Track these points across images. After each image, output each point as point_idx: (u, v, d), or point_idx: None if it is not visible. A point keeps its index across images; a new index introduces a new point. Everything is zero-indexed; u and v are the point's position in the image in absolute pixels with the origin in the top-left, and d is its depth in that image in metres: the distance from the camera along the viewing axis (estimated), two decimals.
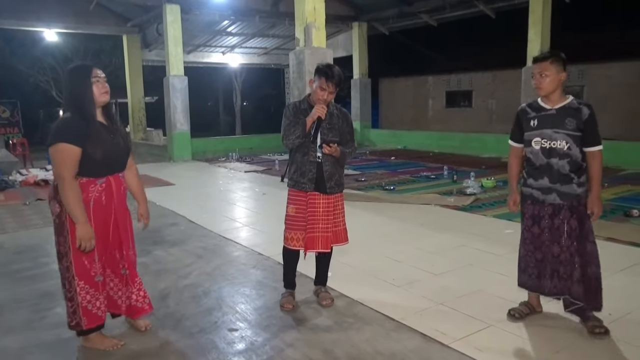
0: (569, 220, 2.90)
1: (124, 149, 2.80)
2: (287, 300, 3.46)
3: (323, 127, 3.24)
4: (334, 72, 3.21)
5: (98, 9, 14.09)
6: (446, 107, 19.60)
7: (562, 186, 2.90)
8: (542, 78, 2.89)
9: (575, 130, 2.85)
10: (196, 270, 4.25)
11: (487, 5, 13.38)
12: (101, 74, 2.70)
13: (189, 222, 6.03)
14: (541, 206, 2.98)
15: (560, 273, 2.93)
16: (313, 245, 3.31)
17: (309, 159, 3.27)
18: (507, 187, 7.65)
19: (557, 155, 2.89)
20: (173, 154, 12.74)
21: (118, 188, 2.76)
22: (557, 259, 2.93)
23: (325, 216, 3.30)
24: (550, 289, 2.99)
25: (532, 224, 3.03)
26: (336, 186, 3.34)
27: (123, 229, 2.82)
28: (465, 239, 5.00)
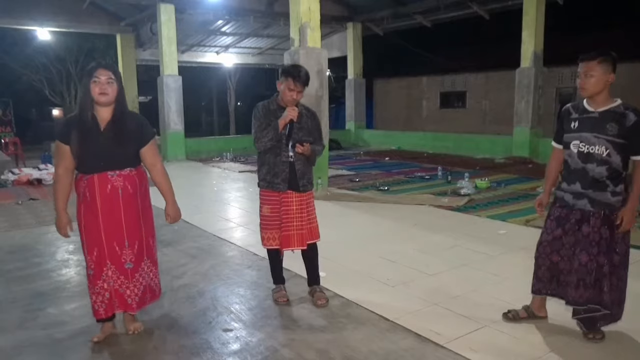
0: (599, 228, 2.76)
1: (115, 150, 2.78)
2: (280, 295, 3.53)
3: (294, 128, 3.30)
4: (301, 72, 3.26)
5: (91, 8, 14.01)
6: (440, 108, 19.63)
7: (594, 192, 2.76)
8: (587, 78, 2.72)
9: (616, 136, 2.68)
10: (191, 271, 4.24)
11: (481, 7, 13.43)
12: (103, 75, 2.73)
13: (183, 222, 5.99)
14: (569, 211, 2.86)
15: (586, 282, 2.78)
16: (289, 244, 3.38)
17: (281, 159, 3.32)
18: (501, 188, 7.74)
19: (594, 160, 2.74)
20: (167, 153, 12.69)
21: (102, 186, 2.77)
22: (584, 267, 2.78)
23: (299, 214, 3.37)
24: (575, 298, 2.84)
25: (556, 227, 2.91)
26: (308, 184, 3.44)
27: (115, 226, 2.81)
28: (459, 239, 5.02)
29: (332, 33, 17.10)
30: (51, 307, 3.51)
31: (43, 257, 4.73)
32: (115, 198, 2.80)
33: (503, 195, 7.31)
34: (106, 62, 2.89)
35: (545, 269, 2.99)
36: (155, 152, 2.98)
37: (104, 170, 2.78)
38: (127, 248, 2.86)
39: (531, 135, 11.69)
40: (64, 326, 3.19)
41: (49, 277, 4.16)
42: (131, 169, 2.87)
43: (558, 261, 2.93)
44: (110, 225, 2.80)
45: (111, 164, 2.79)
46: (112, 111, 2.80)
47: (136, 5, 13.41)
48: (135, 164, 2.90)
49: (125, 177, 2.84)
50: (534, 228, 5.17)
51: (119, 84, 2.79)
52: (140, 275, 2.93)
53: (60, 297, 3.70)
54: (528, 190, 7.65)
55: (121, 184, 2.82)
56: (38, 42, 17.25)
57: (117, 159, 2.81)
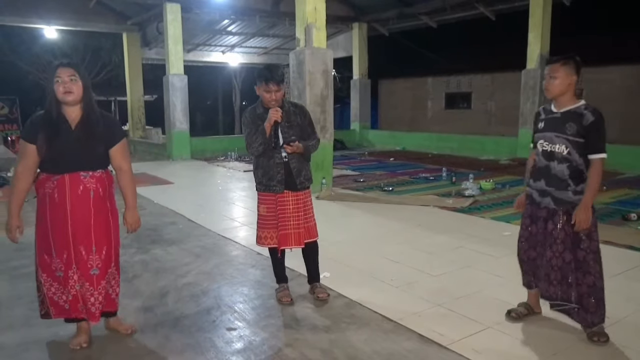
0: (564, 226, 2.87)
1: (86, 150, 2.72)
2: (283, 294, 3.54)
3: (282, 127, 3.29)
4: (272, 71, 3.23)
5: (98, 7, 14.07)
6: (445, 109, 19.59)
7: (556, 191, 2.89)
8: (551, 80, 2.85)
9: (575, 135, 2.79)
10: (195, 269, 4.25)
11: (487, 8, 13.39)
12: (64, 74, 2.66)
13: (188, 221, 6.03)
14: (537, 207, 3.00)
15: (550, 277, 2.92)
16: (286, 242, 3.39)
17: (275, 161, 3.33)
18: (505, 190, 7.72)
19: (555, 159, 2.89)
20: (172, 152, 12.73)
21: (74, 187, 2.69)
22: (550, 263, 2.91)
23: (295, 213, 3.38)
24: (543, 292, 3.02)
25: (530, 223, 3.06)
26: (305, 180, 3.44)
27: (84, 229, 2.72)
28: (463, 240, 5.01)
29: (337, 33, 17.10)
30: None
31: None
32: (86, 200, 2.72)
33: (508, 196, 7.29)
34: (68, 61, 2.80)
35: (526, 264, 3.13)
36: (124, 153, 2.89)
37: (76, 170, 2.71)
38: (94, 253, 2.75)
39: None
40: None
41: None
42: (102, 170, 2.81)
43: (535, 257, 3.05)
44: (79, 229, 2.71)
45: (83, 164, 2.73)
46: (80, 110, 2.74)
47: (142, 4, 13.45)
48: (105, 166, 2.84)
49: (98, 178, 2.78)
50: None
51: (84, 81, 2.72)
52: (106, 282, 2.84)
53: None
54: None
55: (94, 186, 2.75)
56: (45, 40, 17.35)
57: (89, 158, 2.75)
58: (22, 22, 14.16)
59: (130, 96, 16.36)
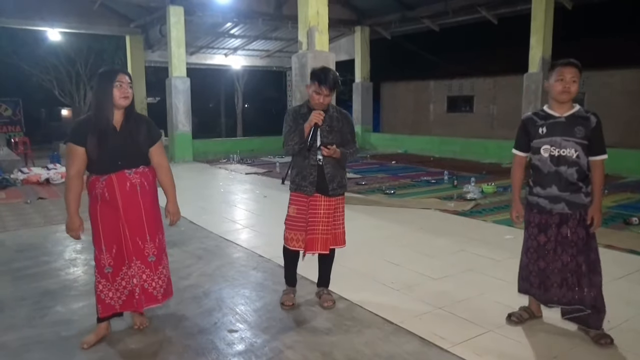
0: (576, 229, 2.90)
1: (131, 149, 2.90)
2: (287, 298, 3.52)
3: (323, 130, 3.27)
4: (328, 76, 3.23)
5: (101, 10, 14.13)
6: (447, 112, 19.62)
7: (571, 195, 2.88)
8: (573, 84, 2.84)
9: (583, 138, 2.84)
10: (197, 271, 4.27)
11: (489, 12, 13.42)
12: (125, 79, 2.85)
13: (190, 223, 6.05)
14: (548, 215, 2.96)
15: (569, 282, 2.91)
16: (312, 247, 3.35)
17: (309, 162, 3.30)
18: (507, 193, 7.72)
19: (566, 163, 2.88)
20: (174, 154, 12.77)
21: (122, 184, 2.87)
22: (567, 267, 2.91)
23: (325, 218, 3.33)
24: (559, 298, 2.95)
25: (539, 233, 3.00)
26: (339, 188, 3.38)
27: (137, 221, 2.91)
28: (464, 244, 5.01)
29: (340, 36, 17.14)
30: (59, 305, 3.54)
31: (51, 255, 4.78)
32: (135, 194, 2.91)
33: (509, 200, 7.23)
34: (122, 67, 3.02)
35: (535, 275, 3.06)
36: (162, 151, 3.08)
37: (122, 169, 2.88)
38: (149, 242, 2.96)
39: None
40: (72, 324, 3.22)
41: (57, 275, 4.20)
42: (144, 166, 2.98)
43: (544, 267, 3.01)
44: (133, 221, 2.90)
45: (128, 163, 2.90)
46: (124, 112, 2.91)
47: (146, 7, 13.53)
48: (147, 162, 3.01)
49: (141, 174, 2.95)
50: None
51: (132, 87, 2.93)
52: (163, 267, 3.06)
53: (68, 295, 3.74)
54: None
55: (139, 181, 2.93)
56: (48, 42, 17.41)
57: (133, 157, 2.92)
58: (25, 25, 14.22)
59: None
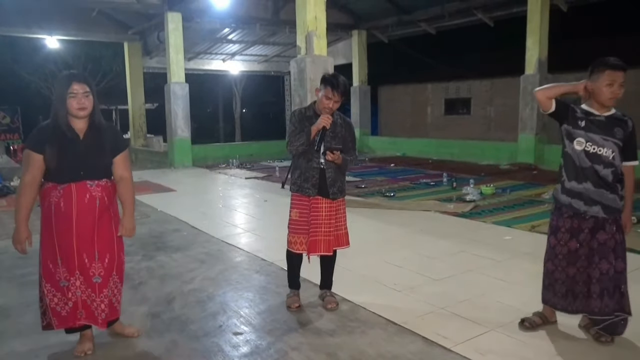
0: (614, 234, 2.82)
1: (94, 159, 2.77)
2: (293, 301, 3.56)
3: (327, 135, 3.34)
4: (340, 81, 3.32)
5: (99, 17, 14.17)
6: (445, 115, 19.69)
7: (606, 196, 2.80)
8: (621, 89, 2.78)
9: (621, 140, 2.81)
10: (200, 275, 4.30)
11: (486, 14, 13.50)
12: (79, 89, 2.69)
13: (192, 228, 6.08)
14: (581, 219, 2.86)
15: (610, 291, 2.81)
16: (315, 249, 3.40)
17: (312, 165, 3.36)
18: (506, 194, 7.76)
19: (601, 162, 2.81)
20: (174, 160, 12.79)
21: (81, 195, 2.73)
22: (607, 275, 2.80)
23: (327, 220, 3.39)
24: (601, 308, 2.83)
25: (570, 238, 2.88)
26: (339, 192, 3.44)
27: (88, 237, 2.75)
28: (465, 245, 5.05)
29: (337, 40, 17.21)
30: None
31: None
32: (92, 209, 2.76)
33: (508, 201, 7.34)
34: (80, 73, 2.83)
35: (562, 283, 2.95)
36: (127, 163, 2.94)
37: (84, 179, 2.75)
38: (96, 261, 2.79)
39: (536, 141, 11.72)
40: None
41: None
42: (107, 180, 2.85)
43: (574, 274, 2.90)
44: (83, 237, 2.74)
45: (91, 173, 2.77)
46: (87, 121, 2.78)
47: (144, 14, 13.57)
48: (109, 175, 2.88)
49: (103, 187, 2.82)
50: (540, 234, 5.19)
51: (94, 95, 2.76)
52: (108, 290, 2.85)
53: None
54: (533, 196, 7.68)
55: (99, 194, 2.79)
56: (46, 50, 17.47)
57: (96, 168, 2.80)
58: (24, 33, 14.28)
59: (131, 105, 16.45)
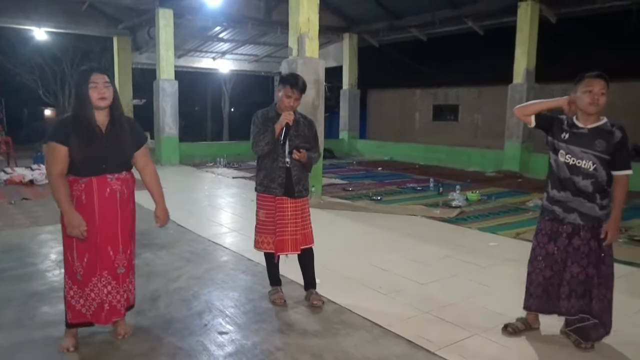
0: (589, 241, 2.90)
1: (116, 153, 2.81)
2: (277, 297, 3.63)
3: (291, 135, 3.41)
4: (298, 80, 3.41)
5: (90, 10, 14.03)
6: (433, 120, 19.82)
7: (584, 205, 2.88)
8: (602, 97, 2.82)
9: (603, 152, 2.83)
10: (186, 274, 4.28)
11: (476, 23, 13.65)
12: (100, 80, 2.72)
13: (178, 226, 6.04)
14: (560, 224, 2.97)
15: (578, 293, 2.92)
16: (283, 248, 3.47)
17: (278, 164, 3.43)
18: (491, 201, 7.85)
19: (580, 174, 2.88)
20: (161, 157, 12.69)
21: (101, 189, 2.76)
22: (577, 279, 2.91)
23: (293, 220, 3.47)
24: (567, 309, 2.95)
25: (548, 241, 3.02)
26: (304, 190, 3.54)
27: (111, 230, 2.81)
28: (450, 250, 5.10)
29: (328, 43, 17.25)
30: (46, 306, 3.53)
31: (37, 257, 4.75)
32: (113, 202, 2.81)
33: (494, 208, 7.42)
34: (99, 66, 2.89)
35: (538, 284, 3.08)
36: (148, 154, 3.03)
37: (104, 172, 2.78)
38: (121, 253, 2.86)
39: (522, 150, 11.86)
40: (61, 326, 3.17)
41: (43, 277, 4.18)
42: (126, 172, 2.89)
43: (550, 275, 3.03)
44: (107, 230, 2.80)
45: (112, 167, 2.80)
46: (109, 113, 2.81)
47: (135, 9, 13.45)
48: (129, 167, 2.92)
49: (123, 180, 2.85)
50: (524, 241, 5.27)
51: (114, 86, 2.81)
52: (130, 281, 2.98)
53: (55, 297, 3.70)
54: (518, 204, 7.77)
55: (119, 188, 2.83)
56: (34, 42, 17.23)
57: (117, 161, 2.83)
58: (11, 24, 14.04)
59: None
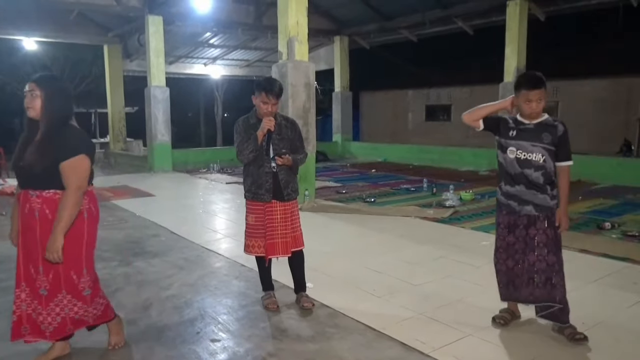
0: (545, 230, 3.05)
1: (36, 166, 2.52)
2: (270, 302, 3.60)
3: (274, 139, 3.41)
4: (273, 85, 3.39)
5: (79, 19, 13.98)
6: (426, 121, 19.89)
7: (537, 196, 3.04)
8: (539, 103, 3.00)
9: (550, 144, 3.02)
10: (178, 281, 4.25)
11: (465, 23, 13.68)
12: (27, 88, 2.62)
13: (170, 234, 6.01)
14: (517, 216, 3.12)
15: (536, 281, 3.05)
16: (274, 252, 3.46)
17: (264, 170, 3.42)
18: (485, 200, 7.85)
19: (532, 166, 3.04)
20: (153, 164, 12.64)
21: (23, 205, 2.61)
22: (533, 267, 3.05)
23: (283, 223, 3.46)
24: (526, 297, 3.10)
25: (508, 233, 3.17)
26: (292, 192, 3.54)
27: (33, 248, 2.60)
28: (444, 250, 5.09)
29: (319, 46, 17.26)
30: None
31: None
32: (32, 219, 2.59)
33: (487, 207, 7.41)
34: (39, 75, 2.70)
35: (503, 274, 3.23)
36: (71, 173, 2.52)
37: (26, 187, 2.61)
38: (41, 274, 2.62)
39: None
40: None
41: None
42: (57, 190, 2.56)
43: (513, 266, 3.16)
44: (28, 248, 2.61)
45: (33, 182, 2.57)
46: (43, 124, 2.60)
47: (124, 16, 13.42)
48: (61, 186, 2.56)
49: (46, 199, 2.56)
50: None
51: (44, 96, 2.57)
52: (57, 305, 2.65)
53: None
54: None
55: (38, 206, 2.56)
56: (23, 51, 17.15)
57: (39, 176, 2.55)
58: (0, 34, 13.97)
59: (110, 108, 16.24)
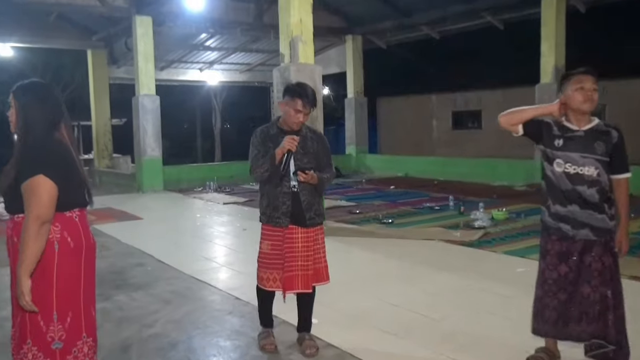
0: (601, 256, 2.91)
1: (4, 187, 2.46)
2: (267, 342, 3.50)
3: (297, 154, 3.29)
4: (308, 91, 3.29)
5: (59, 21, 14.25)
6: (453, 129, 19.86)
7: (594, 218, 2.89)
8: (595, 92, 2.86)
9: (604, 154, 2.88)
10: (163, 318, 4.23)
11: (495, 16, 13.68)
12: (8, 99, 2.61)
13: (157, 262, 6.01)
14: (570, 242, 2.96)
15: (590, 315, 2.91)
16: (292, 286, 3.34)
17: (282, 189, 3.30)
18: (521, 219, 7.75)
19: (584, 182, 2.89)
20: (142, 183, 12.73)
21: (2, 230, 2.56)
22: (587, 299, 2.91)
23: (304, 252, 3.34)
24: (579, 334, 2.95)
25: (559, 263, 3.00)
26: (316, 216, 3.40)
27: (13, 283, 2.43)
28: (471, 279, 5.02)
29: (329, 47, 17.37)
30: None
31: None
32: (8, 247, 2.52)
33: (523, 227, 7.33)
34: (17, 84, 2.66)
35: (552, 309, 3.04)
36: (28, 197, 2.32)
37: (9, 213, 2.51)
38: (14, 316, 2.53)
39: None
40: None
41: (1, 326, 4.13)
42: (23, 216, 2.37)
43: (565, 299, 3.00)
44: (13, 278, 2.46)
45: (5, 204, 2.49)
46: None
47: (109, 17, 13.64)
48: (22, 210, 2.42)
49: (16, 224, 2.43)
50: None
51: (18, 107, 2.53)
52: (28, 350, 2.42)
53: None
54: None
55: (9, 232, 2.49)
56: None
57: (6, 197, 2.48)
58: None
59: (95, 120, 16.44)
